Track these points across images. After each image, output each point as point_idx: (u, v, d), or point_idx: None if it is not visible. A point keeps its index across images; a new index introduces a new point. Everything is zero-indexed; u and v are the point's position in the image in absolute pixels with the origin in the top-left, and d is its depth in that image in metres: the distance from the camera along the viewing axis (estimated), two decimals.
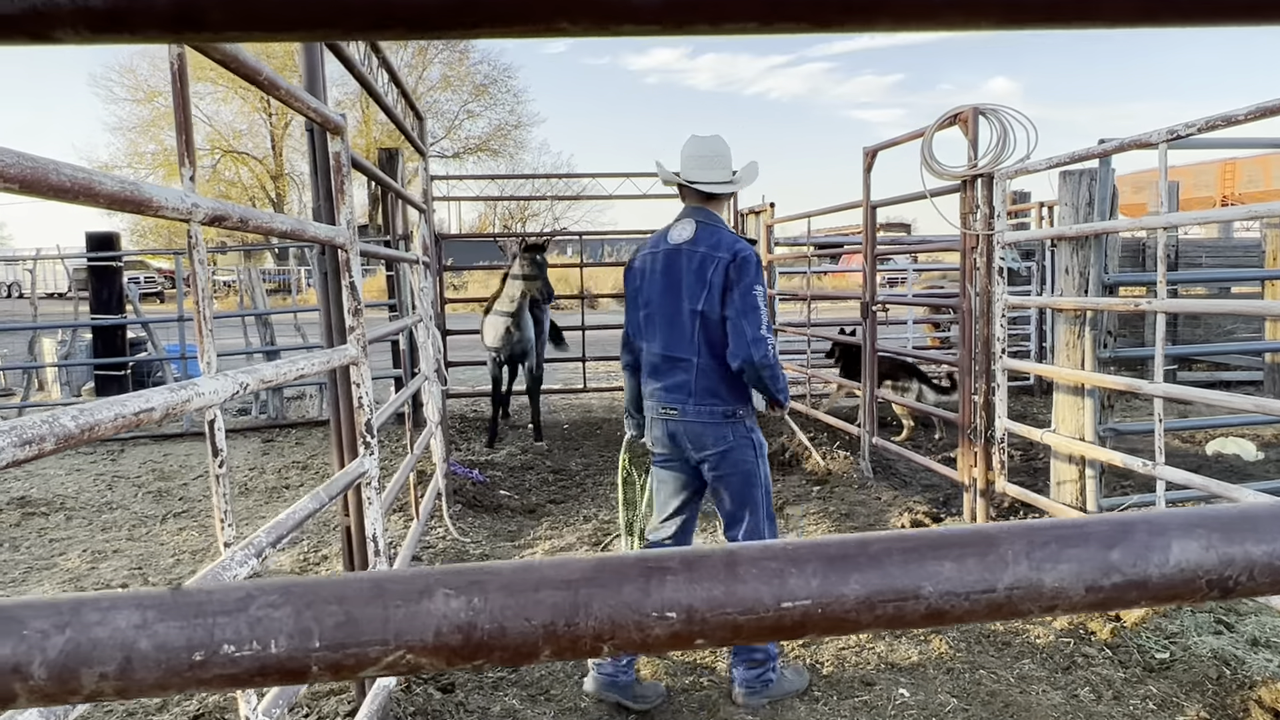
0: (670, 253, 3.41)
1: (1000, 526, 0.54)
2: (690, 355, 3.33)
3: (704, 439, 3.35)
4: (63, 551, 5.28)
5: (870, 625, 0.52)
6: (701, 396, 3.33)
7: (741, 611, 0.50)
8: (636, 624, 0.50)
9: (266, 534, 1.90)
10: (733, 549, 0.52)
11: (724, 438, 3.34)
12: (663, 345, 3.40)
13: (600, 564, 0.51)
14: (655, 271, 3.44)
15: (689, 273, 3.33)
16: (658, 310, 3.42)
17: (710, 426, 3.34)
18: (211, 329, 1.72)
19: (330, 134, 2.70)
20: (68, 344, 10.06)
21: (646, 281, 3.48)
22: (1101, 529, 0.53)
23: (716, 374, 3.32)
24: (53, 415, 1.19)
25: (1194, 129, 3.59)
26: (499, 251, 8.96)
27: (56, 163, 1.23)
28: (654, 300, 3.44)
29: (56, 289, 29.38)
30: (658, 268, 3.44)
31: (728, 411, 3.34)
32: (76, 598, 0.49)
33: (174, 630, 0.47)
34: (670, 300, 3.38)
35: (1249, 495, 3.68)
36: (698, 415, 3.34)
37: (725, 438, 3.34)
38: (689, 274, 3.33)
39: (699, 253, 3.33)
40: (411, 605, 0.49)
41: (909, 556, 0.52)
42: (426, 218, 5.97)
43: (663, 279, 3.41)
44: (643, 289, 3.50)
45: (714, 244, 3.32)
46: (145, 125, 35.72)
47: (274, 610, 0.48)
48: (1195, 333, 10.39)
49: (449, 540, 5.21)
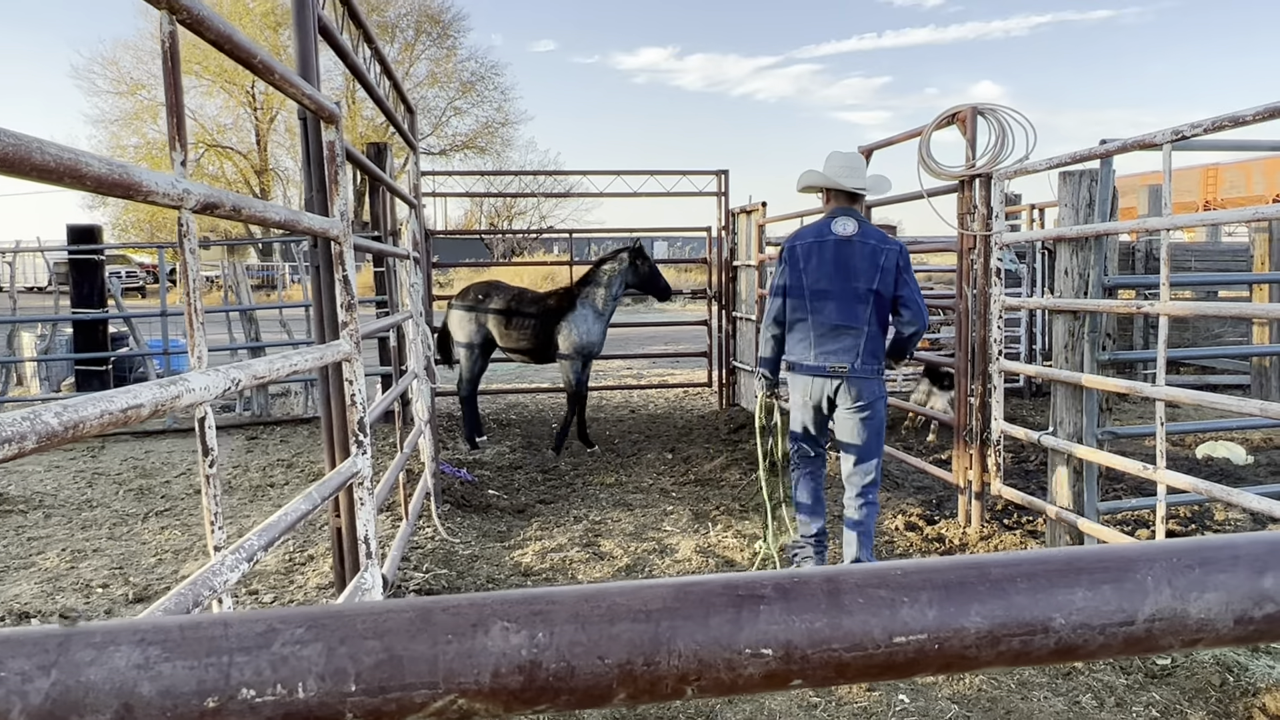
0: (840, 243, 4.22)
1: (1136, 547, 0.47)
2: (861, 325, 4.19)
3: (863, 390, 4.22)
4: (41, 550, 5.15)
5: (992, 663, 0.45)
6: (866, 358, 4.21)
7: (848, 647, 0.43)
8: (726, 663, 0.42)
9: (258, 536, 1.81)
10: (832, 574, 0.45)
11: (874, 391, 4.26)
12: (834, 317, 4.20)
13: (682, 591, 0.43)
14: (825, 258, 4.23)
15: (862, 259, 4.18)
16: (831, 288, 4.20)
17: (868, 381, 4.23)
18: (203, 321, 1.64)
19: (324, 123, 2.61)
20: (47, 338, 9.88)
21: (814, 264, 4.26)
22: (1254, 550, 0.47)
23: (878, 341, 4.22)
24: (34, 412, 1.10)
25: (1200, 130, 3.55)
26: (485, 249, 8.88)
27: (41, 140, 1.14)
28: (824, 280, 4.22)
29: (36, 283, 29.00)
30: (828, 255, 4.23)
31: (879, 370, 4.26)
32: (65, 631, 0.41)
33: (182, 671, 0.39)
34: (842, 281, 4.19)
35: (1249, 499, 3.64)
36: (863, 371, 4.21)
37: (875, 391, 4.26)
38: (862, 260, 4.18)
39: (870, 245, 4.19)
40: (464, 640, 0.41)
41: (1035, 584, 0.45)
42: (417, 213, 5.87)
43: (833, 264, 4.21)
44: (808, 270, 4.26)
45: (880, 238, 4.23)
46: (128, 118, 35.30)
47: (301, 647, 0.40)
48: (1183, 336, 10.42)
49: (438, 540, 5.12)
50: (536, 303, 8.10)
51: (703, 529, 5.56)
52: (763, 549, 4.81)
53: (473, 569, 4.80)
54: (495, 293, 8.05)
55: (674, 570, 4.80)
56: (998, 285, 5.07)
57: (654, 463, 7.46)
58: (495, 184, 32.23)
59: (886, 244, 4.19)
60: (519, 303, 8.05)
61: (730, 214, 9.86)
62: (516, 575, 4.77)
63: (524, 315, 7.98)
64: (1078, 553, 0.47)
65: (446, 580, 4.46)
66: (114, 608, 4.27)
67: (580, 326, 7.92)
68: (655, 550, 5.15)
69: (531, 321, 7.96)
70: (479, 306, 7.97)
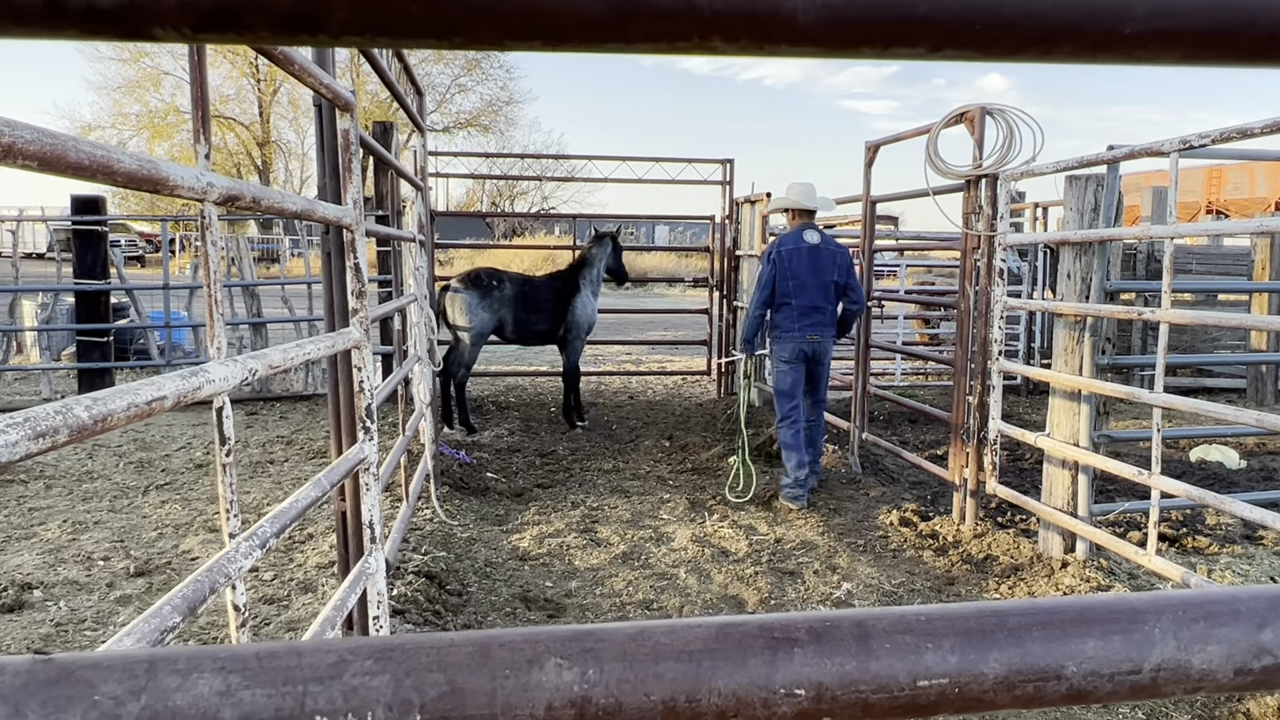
0: (811, 249, 5.91)
1: (1145, 599, 0.50)
2: (828, 306, 5.93)
3: (827, 351, 6.03)
4: (42, 521, 5.19)
5: (1007, 705, 0.48)
6: (829, 328, 5.98)
7: (875, 690, 0.46)
8: (763, 702, 0.46)
9: (270, 524, 1.85)
10: (862, 618, 0.48)
11: (831, 350, 6.09)
12: (810, 300, 5.87)
13: (722, 632, 0.47)
14: (803, 260, 5.88)
15: (827, 260, 5.91)
16: (808, 280, 5.87)
17: (830, 344, 6.04)
18: (222, 312, 1.66)
19: (340, 111, 2.62)
20: (49, 307, 9.88)
21: (795, 264, 5.88)
22: (1255, 605, 0.50)
23: (835, 316, 6.03)
24: (66, 405, 1.13)
25: (1208, 139, 3.57)
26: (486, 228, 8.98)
27: (76, 140, 1.16)
28: (803, 275, 5.86)
29: (36, 249, 28.90)
30: (804, 257, 5.89)
31: (834, 336, 6.06)
32: (150, 654, 0.44)
33: (261, 698, 0.43)
34: (815, 276, 5.87)
35: (1242, 508, 3.69)
36: (827, 337, 5.98)
37: (831, 350, 6.10)
38: (827, 261, 5.91)
39: (830, 249, 5.95)
40: (520, 675, 0.44)
41: (1050, 633, 0.48)
42: (423, 195, 5.88)
43: (808, 263, 5.87)
44: (792, 268, 5.87)
45: (834, 244, 6.02)
46: (131, 86, 35.10)
47: (370, 678, 0.43)
48: (1181, 339, 10.45)
49: (436, 523, 5.16)
50: (547, 287, 8.29)
51: (699, 518, 5.60)
52: (735, 461, 6.36)
53: (470, 552, 4.85)
54: (505, 280, 8.12)
55: (670, 559, 4.85)
56: (1000, 285, 5.10)
57: (651, 450, 7.51)
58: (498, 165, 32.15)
59: (839, 249, 6.03)
60: (531, 288, 8.22)
61: (735, 203, 9.87)
62: (514, 559, 4.82)
63: (539, 300, 8.18)
64: (1090, 603, 0.50)
65: (445, 563, 4.50)
66: (115, 580, 4.31)
67: (588, 306, 8.34)
68: (652, 538, 5.19)
69: (547, 305, 8.21)
70: (492, 294, 7.99)
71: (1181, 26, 0.43)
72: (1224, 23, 0.43)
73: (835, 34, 0.42)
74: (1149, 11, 0.42)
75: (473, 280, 8.01)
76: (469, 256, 26.78)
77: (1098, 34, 0.43)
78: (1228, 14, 0.42)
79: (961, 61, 0.45)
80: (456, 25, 0.39)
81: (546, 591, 4.40)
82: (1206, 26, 0.43)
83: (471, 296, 7.92)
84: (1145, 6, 0.42)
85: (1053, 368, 4.75)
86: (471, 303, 7.91)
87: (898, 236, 10.94)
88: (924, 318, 12.15)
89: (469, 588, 4.38)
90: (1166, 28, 0.42)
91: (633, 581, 4.53)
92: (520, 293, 8.10)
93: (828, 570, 4.72)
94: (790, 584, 4.56)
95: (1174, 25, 0.43)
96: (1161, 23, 0.42)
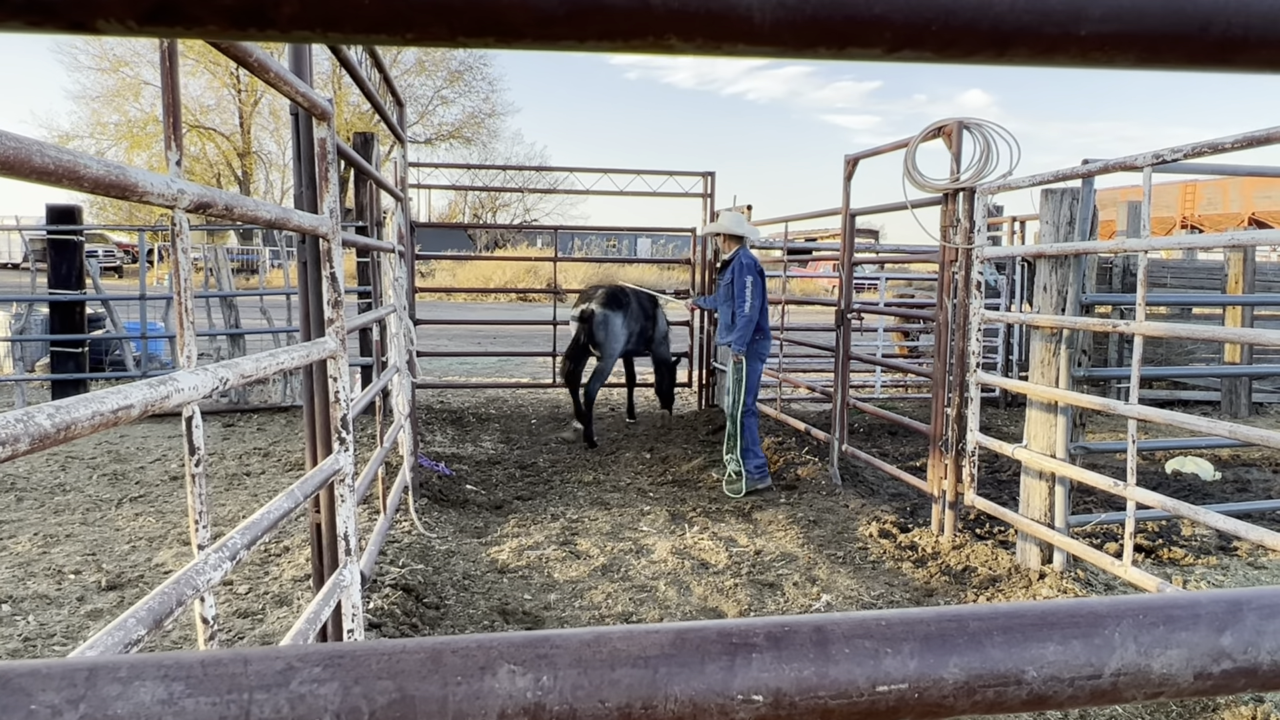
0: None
1: (1105, 603, 0.50)
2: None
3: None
4: (13, 534, 5.11)
5: (967, 710, 0.48)
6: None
7: (834, 695, 0.46)
8: (720, 708, 0.45)
9: (240, 535, 1.82)
10: (821, 623, 0.48)
11: None
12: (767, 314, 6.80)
13: (680, 638, 0.46)
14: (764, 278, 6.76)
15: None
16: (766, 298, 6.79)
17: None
18: (193, 321, 1.65)
19: (317, 120, 2.61)
20: (23, 318, 9.76)
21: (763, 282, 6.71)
22: (1215, 609, 0.50)
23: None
24: (27, 414, 1.11)
25: (1180, 154, 3.62)
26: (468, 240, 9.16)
27: (41, 144, 1.15)
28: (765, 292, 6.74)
29: (10, 259, 28.58)
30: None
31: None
32: (92, 662, 0.43)
33: (205, 707, 0.41)
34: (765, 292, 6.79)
35: (1216, 519, 3.72)
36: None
37: None
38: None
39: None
40: (473, 682, 0.43)
41: (1010, 637, 0.48)
42: (403, 206, 5.86)
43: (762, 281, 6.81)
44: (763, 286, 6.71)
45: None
46: (110, 95, 34.85)
47: (319, 685, 0.42)
48: (1157, 351, 10.56)
49: (415, 535, 5.12)
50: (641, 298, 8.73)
51: (679, 530, 5.59)
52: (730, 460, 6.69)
53: (449, 564, 4.81)
54: (630, 294, 8.52)
55: (649, 571, 4.83)
56: (978, 298, 5.13)
57: (632, 462, 7.49)
58: (480, 177, 32.11)
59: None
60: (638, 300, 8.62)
61: (715, 215, 9.89)
62: (493, 572, 4.79)
63: (643, 311, 8.64)
64: (1050, 607, 0.49)
65: (423, 576, 4.47)
66: (86, 594, 4.25)
67: (665, 314, 9.11)
68: (632, 550, 5.17)
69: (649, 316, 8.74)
70: (629, 310, 8.35)
71: (1135, 29, 0.43)
72: (1177, 26, 0.43)
73: (792, 33, 0.42)
74: (1103, 14, 0.42)
75: (614, 300, 8.23)
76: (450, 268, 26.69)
77: (1053, 36, 0.43)
78: (1181, 17, 0.43)
79: (919, 63, 0.45)
80: (409, 21, 0.39)
81: (525, 604, 4.37)
82: (1160, 30, 0.43)
83: (618, 316, 8.20)
84: (1100, 9, 0.42)
85: (1030, 380, 4.78)
86: (618, 322, 8.18)
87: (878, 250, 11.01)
88: (903, 330, 12.22)
89: (447, 600, 4.35)
90: (1121, 30, 0.43)
91: (612, 594, 4.51)
92: (639, 305, 8.51)
93: (807, 582, 4.71)
94: (770, 596, 4.55)
95: (1128, 28, 0.43)
96: (1116, 25, 0.42)
